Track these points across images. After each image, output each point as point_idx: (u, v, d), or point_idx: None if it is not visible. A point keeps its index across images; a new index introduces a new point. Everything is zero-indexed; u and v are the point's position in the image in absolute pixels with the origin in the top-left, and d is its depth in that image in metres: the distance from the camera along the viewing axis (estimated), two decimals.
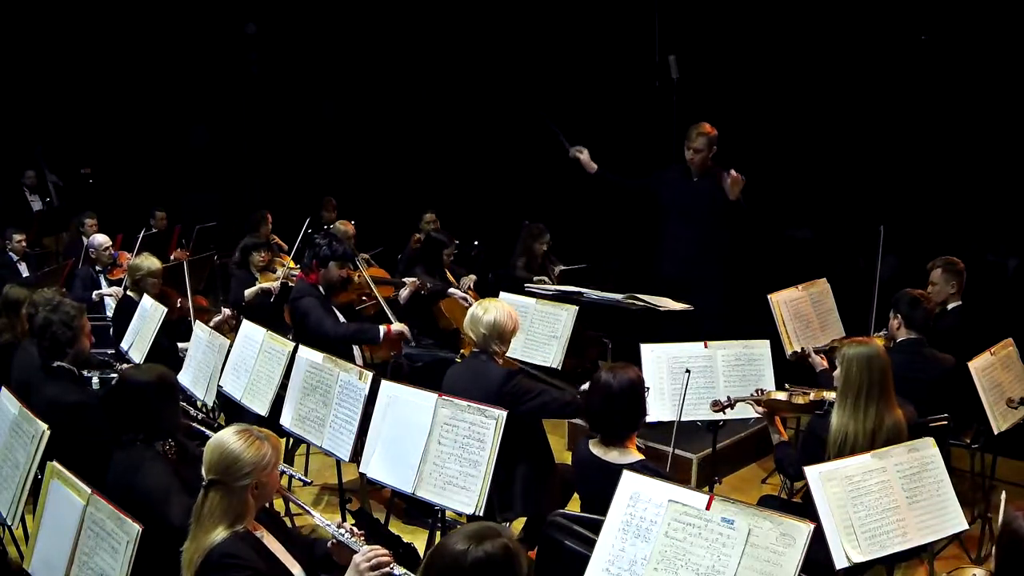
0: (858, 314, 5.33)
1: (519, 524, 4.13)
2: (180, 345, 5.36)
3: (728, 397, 3.99)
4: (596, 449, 3.37)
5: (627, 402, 3.32)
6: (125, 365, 4.79)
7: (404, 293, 5.83)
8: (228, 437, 2.59)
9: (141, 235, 8.03)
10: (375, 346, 6.37)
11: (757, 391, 3.96)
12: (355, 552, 2.53)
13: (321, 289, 5.26)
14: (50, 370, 3.99)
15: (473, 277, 6.53)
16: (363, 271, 5.79)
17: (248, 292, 6.13)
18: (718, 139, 5.65)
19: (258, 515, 2.68)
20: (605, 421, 3.35)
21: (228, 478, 2.53)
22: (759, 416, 3.89)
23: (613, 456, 3.30)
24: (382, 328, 5.07)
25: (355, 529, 2.71)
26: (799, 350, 4.83)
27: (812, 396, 3.76)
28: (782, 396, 3.83)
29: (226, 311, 5.80)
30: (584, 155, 6.00)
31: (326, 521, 2.79)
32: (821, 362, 4.49)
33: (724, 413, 4.02)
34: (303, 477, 2.99)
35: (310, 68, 11.09)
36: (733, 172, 5.45)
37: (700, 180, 5.69)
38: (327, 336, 4.90)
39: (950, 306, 4.90)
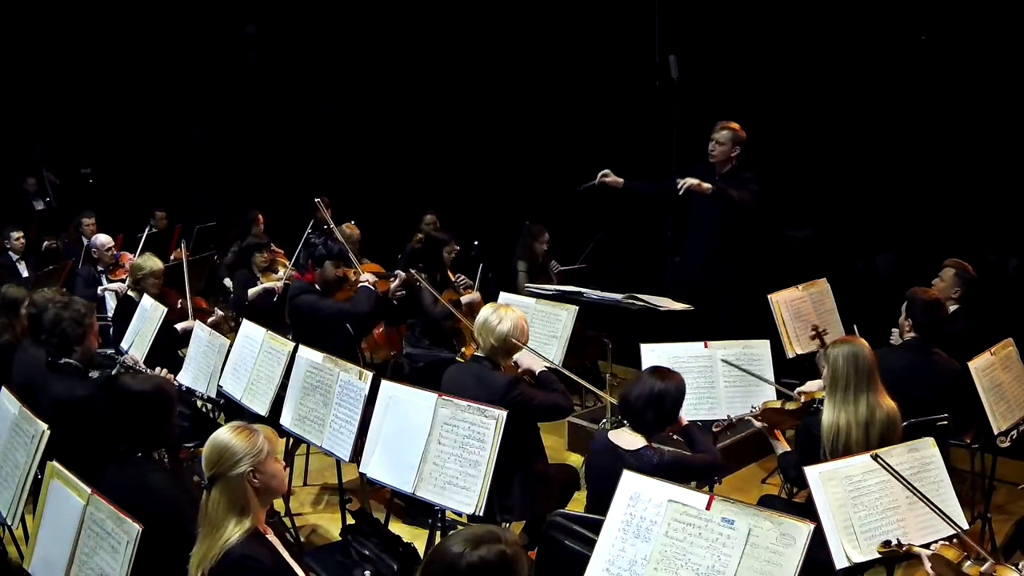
0: (858, 314, 5.34)
1: (519, 524, 4.12)
2: (181, 353, 5.33)
3: (728, 416, 4.01)
4: (614, 435, 3.44)
5: (666, 405, 3.42)
6: (125, 357, 4.77)
7: (394, 284, 5.91)
8: (220, 432, 2.64)
9: (145, 233, 8.03)
10: (375, 346, 6.39)
11: (752, 407, 3.99)
12: None
13: (318, 288, 5.30)
14: (56, 367, 3.95)
15: (477, 294, 6.27)
16: (359, 268, 5.80)
17: (251, 291, 6.13)
18: (745, 142, 5.56)
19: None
20: (639, 416, 3.43)
21: (223, 468, 2.54)
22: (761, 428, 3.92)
23: (628, 442, 3.38)
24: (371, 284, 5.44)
25: None
26: (796, 354, 4.84)
27: (803, 399, 3.81)
28: (776, 405, 3.88)
29: (219, 311, 5.80)
30: (610, 177, 5.80)
31: None
32: None
33: (727, 433, 4.06)
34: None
35: (310, 68, 11.09)
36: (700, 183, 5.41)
37: (722, 181, 5.52)
38: (349, 312, 5.27)
39: (950, 309, 4.87)
